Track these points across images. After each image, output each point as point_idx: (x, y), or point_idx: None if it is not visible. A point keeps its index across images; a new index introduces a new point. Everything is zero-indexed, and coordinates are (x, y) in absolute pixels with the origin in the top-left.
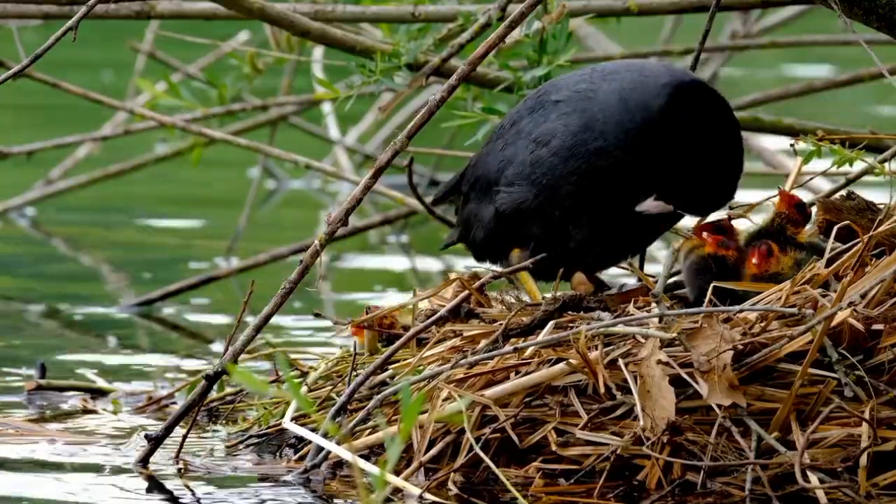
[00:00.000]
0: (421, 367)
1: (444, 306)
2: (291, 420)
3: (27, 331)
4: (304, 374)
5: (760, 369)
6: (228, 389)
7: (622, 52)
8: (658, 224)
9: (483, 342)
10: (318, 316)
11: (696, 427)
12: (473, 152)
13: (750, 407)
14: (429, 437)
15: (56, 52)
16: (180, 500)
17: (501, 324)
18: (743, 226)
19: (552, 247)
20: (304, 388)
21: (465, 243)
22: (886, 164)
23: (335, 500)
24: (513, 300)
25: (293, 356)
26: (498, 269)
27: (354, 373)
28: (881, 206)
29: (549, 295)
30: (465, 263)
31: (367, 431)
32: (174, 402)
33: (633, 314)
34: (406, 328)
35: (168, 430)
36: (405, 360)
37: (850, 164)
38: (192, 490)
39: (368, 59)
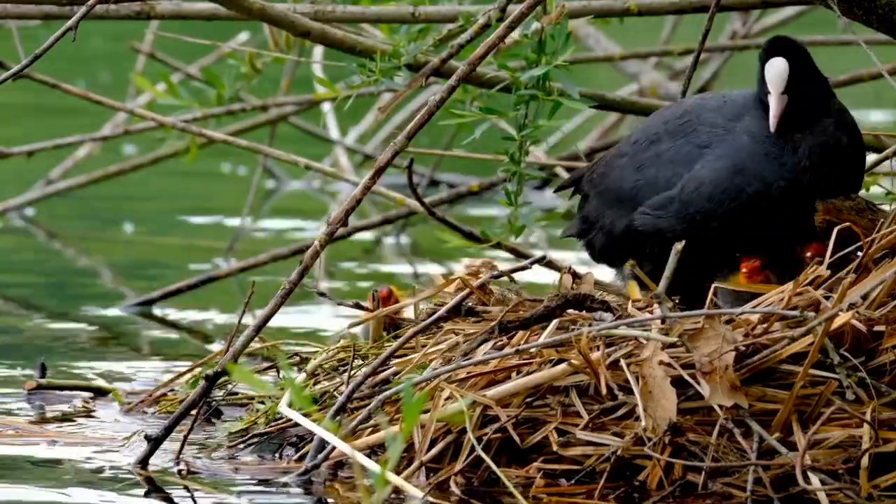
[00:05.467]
0: (423, 364)
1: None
2: (289, 406)
3: (27, 331)
4: (304, 361)
5: (762, 370)
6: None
7: (622, 52)
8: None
9: (480, 334)
10: (322, 295)
11: (697, 428)
12: (472, 152)
13: (751, 408)
14: (430, 437)
15: (57, 51)
16: (180, 501)
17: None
18: None
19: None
20: (301, 376)
21: (582, 240)
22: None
23: (335, 502)
24: (513, 296)
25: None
26: (614, 278)
27: (354, 370)
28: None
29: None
30: (465, 263)
31: (368, 431)
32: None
33: (635, 315)
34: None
35: (168, 431)
36: (406, 356)
37: None
38: (191, 490)
39: (368, 59)
